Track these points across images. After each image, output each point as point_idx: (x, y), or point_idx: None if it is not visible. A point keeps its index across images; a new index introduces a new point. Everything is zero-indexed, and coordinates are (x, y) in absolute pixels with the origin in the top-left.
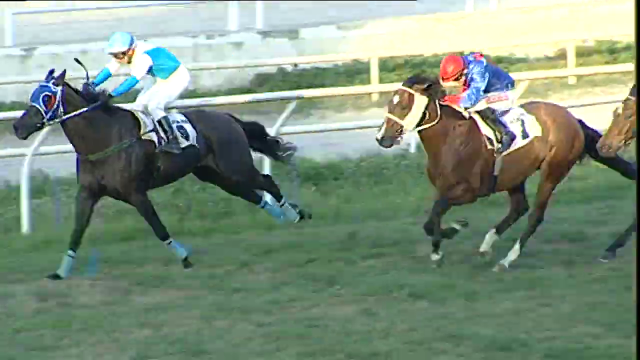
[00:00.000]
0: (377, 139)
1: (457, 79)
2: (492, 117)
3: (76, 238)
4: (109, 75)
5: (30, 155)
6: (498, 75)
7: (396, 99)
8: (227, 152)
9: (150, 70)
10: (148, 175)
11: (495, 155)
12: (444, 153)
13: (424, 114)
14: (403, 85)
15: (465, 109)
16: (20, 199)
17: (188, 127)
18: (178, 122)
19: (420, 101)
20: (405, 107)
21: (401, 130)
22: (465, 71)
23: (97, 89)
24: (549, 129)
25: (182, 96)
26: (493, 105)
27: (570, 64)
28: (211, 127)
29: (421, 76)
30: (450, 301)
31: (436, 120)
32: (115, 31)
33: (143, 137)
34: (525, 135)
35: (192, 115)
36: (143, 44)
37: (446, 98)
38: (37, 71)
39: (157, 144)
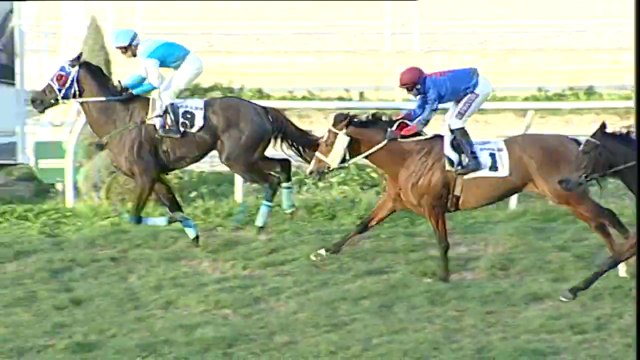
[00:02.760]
0: (306, 174)
1: (409, 90)
2: (463, 139)
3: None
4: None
5: None
6: (460, 79)
7: (324, 137)
8: (229, 143)
9: (163, 66)
10: (150, 158)
11: (455, 176)
12: (401, 175)
13: (350, 148)
14: (331, 125)
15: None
16: None
17: (198, 114)
18: (189, 108)
19: (342, 139)
20: (329, 145)
21: (328, 167)
22: (418, 86)
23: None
24: (524, 164)
25: None
26: (466, 107)
27: None
28: (225, 117)
29: (341, 115)
30: None
31: (378, 147)
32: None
33: (148, 122)
34: (494, 168)
35: (213, 102)
36: (146, 43)
37: (403, 131)
38: None
39: (159, 129)
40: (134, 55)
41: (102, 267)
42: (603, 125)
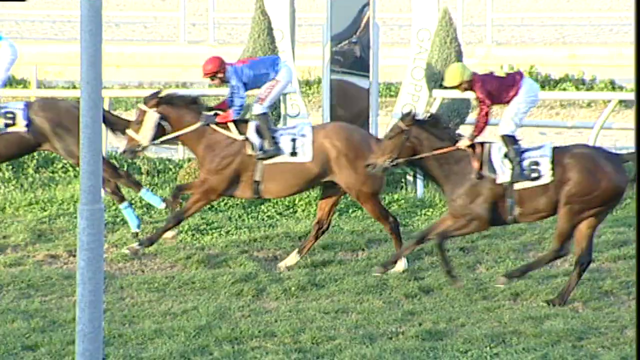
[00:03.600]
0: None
1: (212, 78)
2: (264, 125)
3: None
4: None
5: None
6: (261, 66)
7: (135, 116)
8: (63, 140)
9: None
10: None
11: (256, 161)
12: (202, 156)
13: (161, 127)
14: (142, 103)
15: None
16: None
17: (19, 114)
18: (9, 109)
19: (151, 117)
20: (139, 123)
21: (139, 145)
22: (220, 75)
23: None
24: (326, 151)
25: None
26: (266, 93)
27: None
28: (49, 116)
29: (153, 93)
30: None
31: (191, 129)
32: None
33: None
34: (294, 153)
35: (34, 104)
36: None
37: (218, 119)
38: None
39: None
40: None
41: (451, 256)
42: (411, 110)
